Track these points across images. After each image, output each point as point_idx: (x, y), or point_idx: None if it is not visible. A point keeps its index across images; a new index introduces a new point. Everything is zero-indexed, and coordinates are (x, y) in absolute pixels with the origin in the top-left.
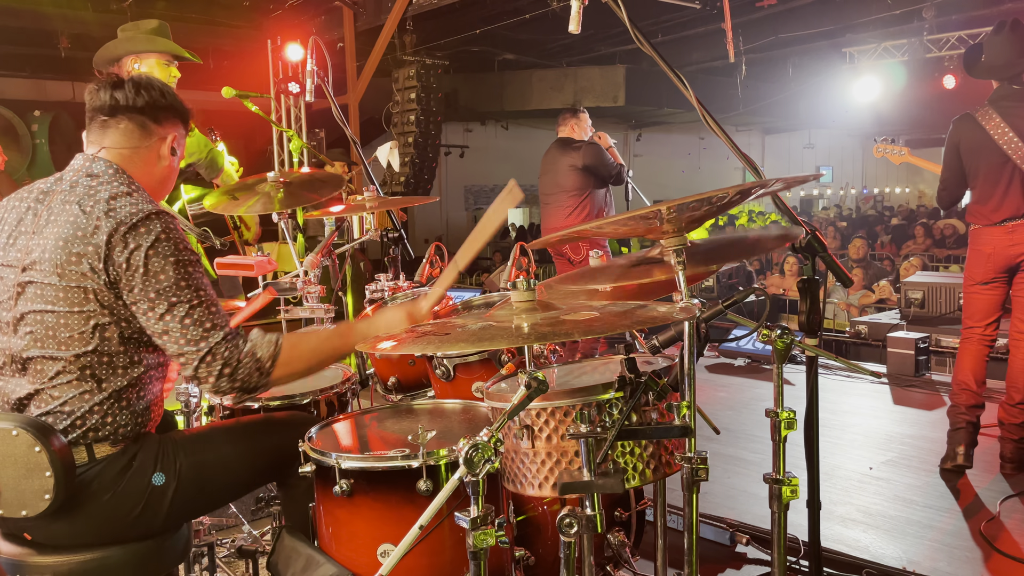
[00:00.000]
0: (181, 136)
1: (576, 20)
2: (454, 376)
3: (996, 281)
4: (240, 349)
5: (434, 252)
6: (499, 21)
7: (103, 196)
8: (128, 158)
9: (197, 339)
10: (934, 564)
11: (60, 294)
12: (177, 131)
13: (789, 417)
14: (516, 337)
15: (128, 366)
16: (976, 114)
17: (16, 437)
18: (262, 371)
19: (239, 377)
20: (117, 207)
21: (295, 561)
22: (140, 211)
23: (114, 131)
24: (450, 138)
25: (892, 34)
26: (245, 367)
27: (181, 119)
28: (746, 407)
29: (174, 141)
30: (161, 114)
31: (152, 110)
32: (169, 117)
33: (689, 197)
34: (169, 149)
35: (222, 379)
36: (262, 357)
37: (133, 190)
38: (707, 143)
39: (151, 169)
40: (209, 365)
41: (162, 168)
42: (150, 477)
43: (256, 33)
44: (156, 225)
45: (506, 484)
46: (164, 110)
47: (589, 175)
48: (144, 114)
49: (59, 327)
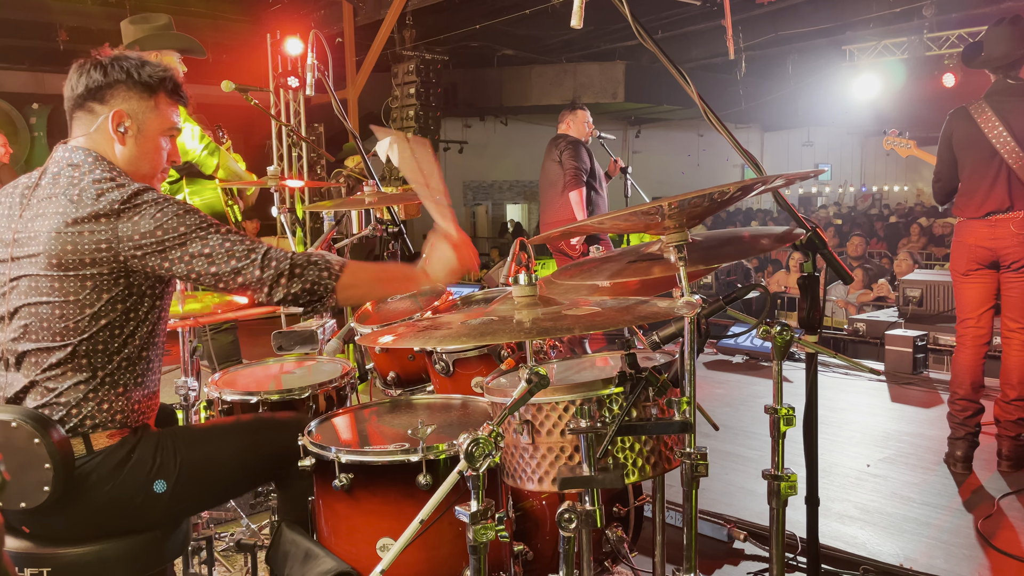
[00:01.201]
0: (142, 108)
1: (578, 15)
2: (453, 371)
3: (978, 272)
4: (304, 253)
5: None
6: (499, 16)
7: (88, 182)
8: (95, 144)
9: (246, 252)
10: (931, 561)
11: (56, 284)
12: (128, 104)
13: (788, 414)
14: (517, 332)
15: (121, 350)
16: (970, 108)
17: (15, 429)
18: (331, 273)
19: (309, 277)
20: (105, 190)
21: (294, 555)
22: (129, 190)
23: (76, 123)
24: (449, 134)
25: (892, 32)
26: (314, 267)
27: (137, 90)
28: (744, 404)
29: (121, 117)
30: (102, 92)
31: (92, 93)
32: (114, 92)
33: (690, 193)
34: (116, 125)
35: (293, 280)
36: (331, 260)
37: (116, 174)
38: (706, 140)
39: (113, 150)
40: (273, 268)
41: (128, 149)
42: (149, 470)
43: (255, 27)
44: (149, 195)
45: (505, 479)
46: (104, 88)
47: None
48: (87, 99)
49: (54, 318)
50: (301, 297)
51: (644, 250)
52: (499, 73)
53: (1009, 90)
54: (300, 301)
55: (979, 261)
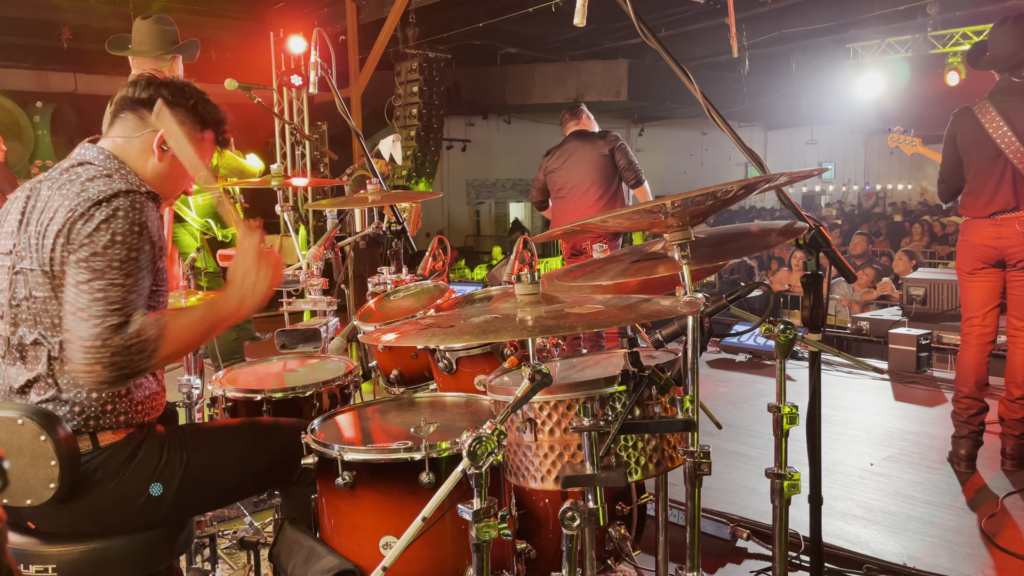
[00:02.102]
0: (191, 138)
1: (581, 13)
2: (456, 369)
3: (984, 271)
4: (121, 341)
5: (436, 245)
6: (502, 15)
7: (82, 179)
8: (123, 147)
9: (103, 314)
10: (935, 560)
11: (40, 279)
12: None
13: (792, 412)
14: (520, 330)
15: None
16: (974, 107)
17: (22, 426)
18: (147, 353)
19: (122, 365)
20: (90, 187)
21: (297, 553)
22: (109, 189)
23: (119, 122)
24: (452, 132)
25: (896, 30)
26: (131, 350)
27: (192, 119)
28: (746, 403)
29: (165, 137)
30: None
31: (152, 103)
32: (173, 113)
33: (694, 191)
34: (160, 142)
35: (108, 368)
36: (147, 338)
37: (113, 172)
38: (710, 139)
39: (144, 160)
40: (97, 352)
41: (157, 164)
42: (155, 468)
43: (258, 25)
44: (120, 202)
45: (508, 477)
46: (168, 106)
47: (617, 167)
48: (144, 105)
49: (42, 313)
50: (108, 382)
51: (648, 249)
52: (502, 71)
53: (1013, 89)
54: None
55: (985, 260)
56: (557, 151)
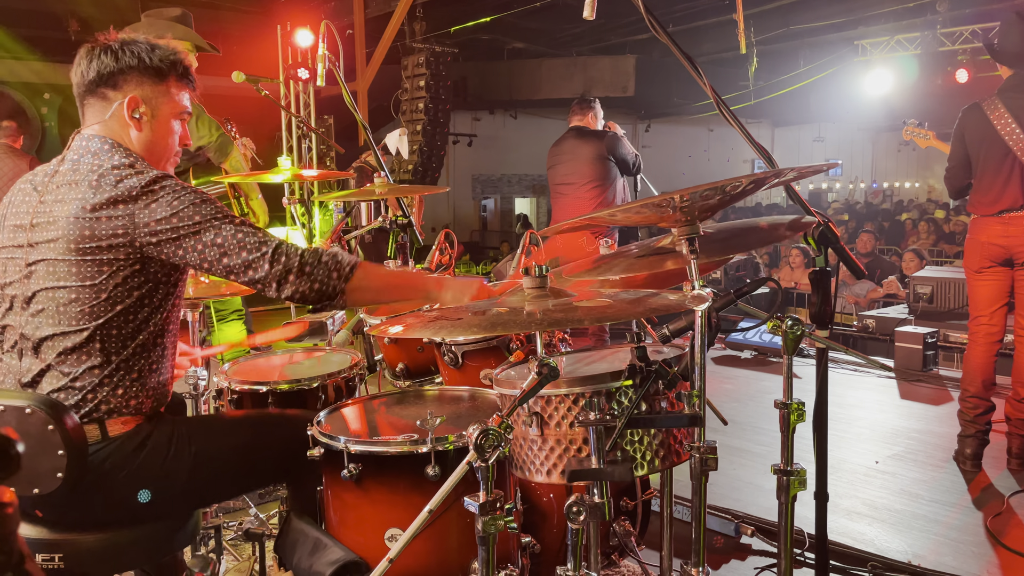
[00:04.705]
0: (154, 93)
1: (591, 6)
2: (462, 363)
3: (992, 269)
4: (315, 250)
5: (443, 239)
6: (509, 9)
7: (108, 168)
8: (110, 131)
9: (257, 244)
10: (939, 558)
11: (73, 269)
12: (141, 90)
13: (799, 408)
14: (528, 323)
15: (135, 336)
16: (983, 104)
17: (30, 415)
18: (341, 274)
19: (318, 277)
20: (124, 176)
21: (302, 544)
22: (147, 176)
23: (88, 109)
24: (458, 126)
25: (905, 27)
26: (323, 267)
27: (149, 75)
28: (752, 399)
29: (136, 103)
30: (114, 78)
31: (104, 79)
32: (126, 78)
33: (702, 185)
34: (131, 111)
35: (301, 278)
36: (342, 260)
37: (134, 160)
38: (716, 135)
39: (127, 135)
40: (282, 264)
41: (139, 135)
42: (163, 459)
43: (265, 19)
44: (168, 182)
45: (514, 471)
46: (117, 74)
47: (613, 164)
48: (99, 85)
49: (70, 303)
50: (309, 296)
51: (656, 244)
52: (509, 66)
53: (1022, 86)
54: (308, 299)
55: (992, 258)
56: (556, 146)
